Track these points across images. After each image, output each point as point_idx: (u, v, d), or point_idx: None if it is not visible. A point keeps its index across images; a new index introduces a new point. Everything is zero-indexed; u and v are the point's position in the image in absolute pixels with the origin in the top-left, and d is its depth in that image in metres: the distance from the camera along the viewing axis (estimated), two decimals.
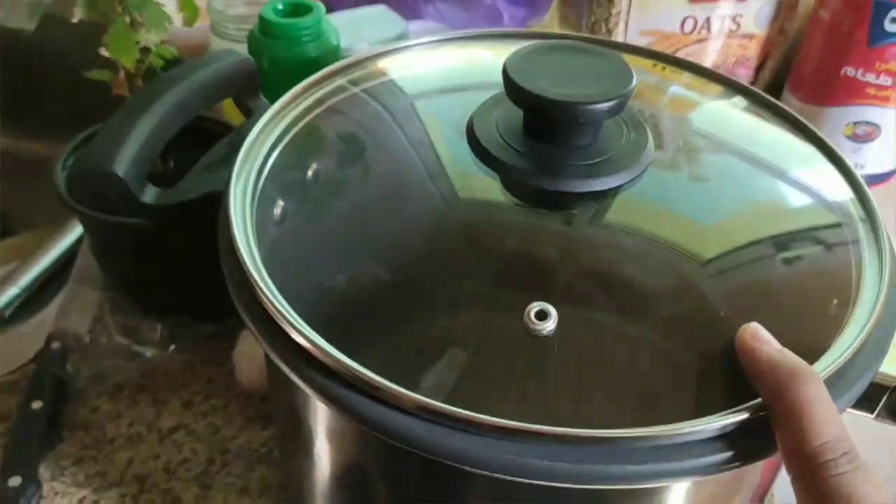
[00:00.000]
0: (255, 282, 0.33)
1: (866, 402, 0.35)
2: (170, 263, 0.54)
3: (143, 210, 0.42)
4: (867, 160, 0.72)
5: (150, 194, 0.42)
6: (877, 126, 0.70)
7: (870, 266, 0.37)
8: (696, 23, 0.73)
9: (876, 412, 0.35)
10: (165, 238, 0.52)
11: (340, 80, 0.46)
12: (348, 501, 0.39)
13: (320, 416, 0.35)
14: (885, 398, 0.35)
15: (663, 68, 0.49)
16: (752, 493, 0.37)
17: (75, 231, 0.67)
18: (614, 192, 0.37)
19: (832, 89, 0.70)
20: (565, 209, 0.36)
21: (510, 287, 0.33)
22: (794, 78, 0.75)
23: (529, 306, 0.30)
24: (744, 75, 0.77)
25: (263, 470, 0.52)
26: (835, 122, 0.71)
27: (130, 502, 0.50)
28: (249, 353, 0.55)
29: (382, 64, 0.48)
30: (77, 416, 0.55)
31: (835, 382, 0.30)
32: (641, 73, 0.46)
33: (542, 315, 0.30)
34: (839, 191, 0.41)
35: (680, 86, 0.49)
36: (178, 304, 0.58)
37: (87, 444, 0.53)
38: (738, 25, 0.74)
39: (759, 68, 0.78)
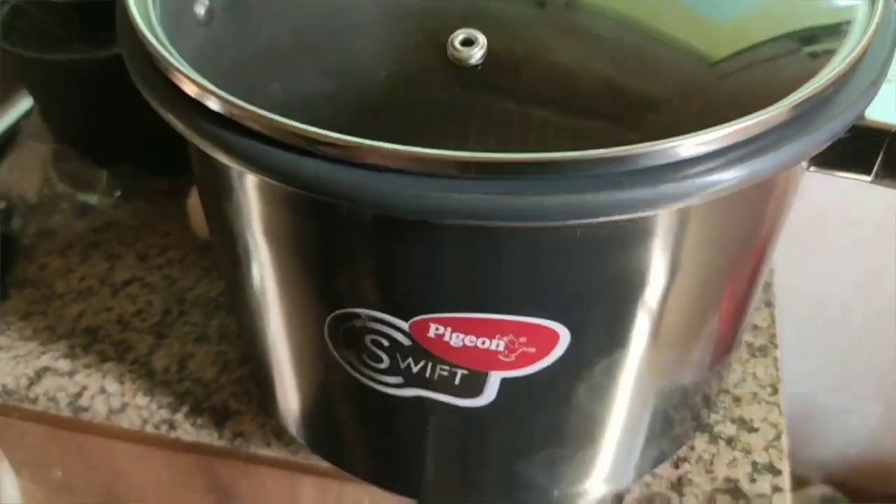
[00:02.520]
0: (143, 33, 0.28)
1: (861, 162, 0.31)
2: (111, 107, 0.50)
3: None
4: None
5: None
6: None
7: None
8: None
9: (873, 172, 0.31)
10: (102, 77, 0.48)
11: None
12: (293, 298, 0.34)
13: (249, 197, 0.30)
14: (881, 153, 0.30)
15: None
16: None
17: (25, 100, 0.63)
18: None
19: None
20: None
21: (432, 18, 0.28)
22: None
23: (454, 34, 0.26)
24: None
25: (222, 317, 0.49)
26: None
27: (81, 354, 0.47)
28: None
29: None
30: (25, 273, 0.51)
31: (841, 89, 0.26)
32: None
33: (467, 42, 0.25)
34: None
35: None
36: (125, 153, 0.54)
37: (35, 300, 0.50)
38: None
39: None
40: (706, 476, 0.40)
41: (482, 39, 0.26)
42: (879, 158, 0.30)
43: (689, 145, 0.23)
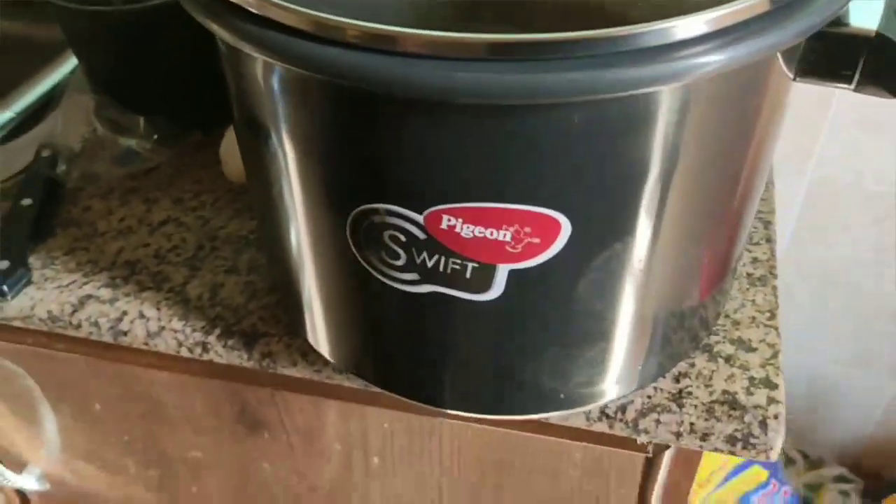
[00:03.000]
0: None
1: (844, 70, 0.33)
2: (147, 58, 0.54)
3: None
4: None
5: None
6: None
7: None
8: None
9: (855, 81, 0.33)
10: (140, 28, 0.51)
11: None
12: (318, 199, 0.37)
13: (277, 97, 0.33)
14: (862, 60, 0.32)
15: None
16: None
17: (70, 62, 0.67)
18: None
19: None
20: None
21: None
22: None
23: None
24: None
25: (252, 253, 0.52)
26: None
27: (121, 283, 0.50)
28: (235, 146, 0.55)
29: None
30: (69, 215, 0.55)
31: None
32: None
33: None
34: None
35: None
36: (161, 104, 0.57)
37: (78, 238, 0.53)
38: None
39: None
40: (705, 389, 0.43)
41: None
42: (860, 66, 0.33)
43: (681, 26, 0.26)
